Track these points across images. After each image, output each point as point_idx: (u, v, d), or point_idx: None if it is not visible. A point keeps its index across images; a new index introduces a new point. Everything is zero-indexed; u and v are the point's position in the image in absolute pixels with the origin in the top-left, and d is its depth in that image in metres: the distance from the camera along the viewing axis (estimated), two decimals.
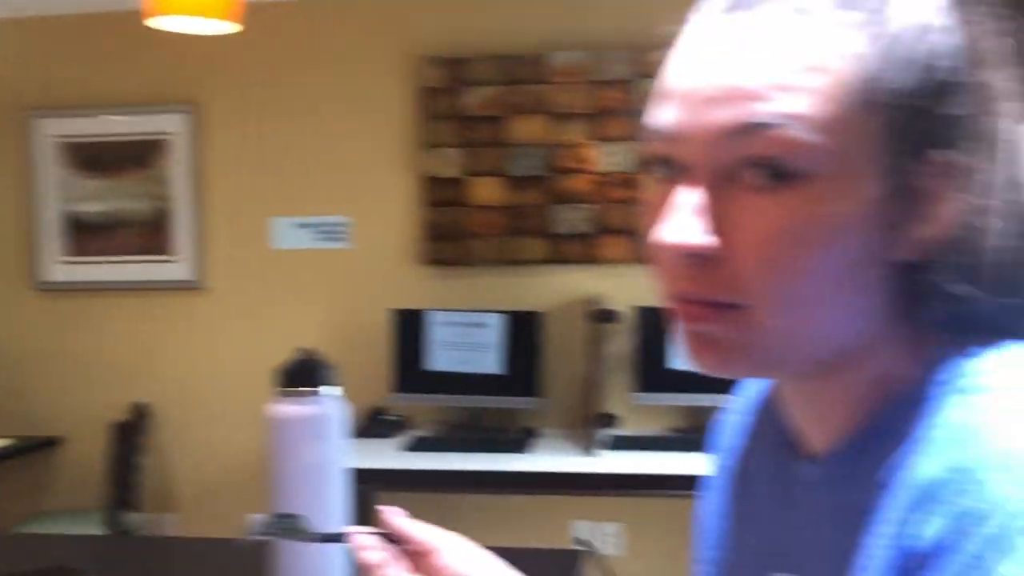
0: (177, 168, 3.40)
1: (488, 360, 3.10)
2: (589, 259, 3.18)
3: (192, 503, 3.46)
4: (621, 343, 3.10)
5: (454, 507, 3.26)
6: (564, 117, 3.17)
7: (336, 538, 0.75)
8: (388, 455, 2.91)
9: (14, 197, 3.51)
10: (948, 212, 0.49)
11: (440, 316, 3.13)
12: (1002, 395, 0.46)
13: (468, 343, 3.11)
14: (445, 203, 3.24)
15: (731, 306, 0.50)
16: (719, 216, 0.49)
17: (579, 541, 3.26)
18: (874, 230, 0.49)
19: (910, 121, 0.48)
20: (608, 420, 3.18)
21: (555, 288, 3.18)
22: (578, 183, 3.17)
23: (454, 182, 3.23)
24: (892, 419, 0.51)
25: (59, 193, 3.47)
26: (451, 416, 3.23)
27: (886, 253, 0.50)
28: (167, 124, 3.40)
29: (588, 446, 2.86)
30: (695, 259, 0.50)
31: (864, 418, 0.53)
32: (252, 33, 3.34)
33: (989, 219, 0.49)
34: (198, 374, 3.43)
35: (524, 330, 3.09)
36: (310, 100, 3.33)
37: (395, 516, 0.73)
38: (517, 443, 2.99)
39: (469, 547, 0.73)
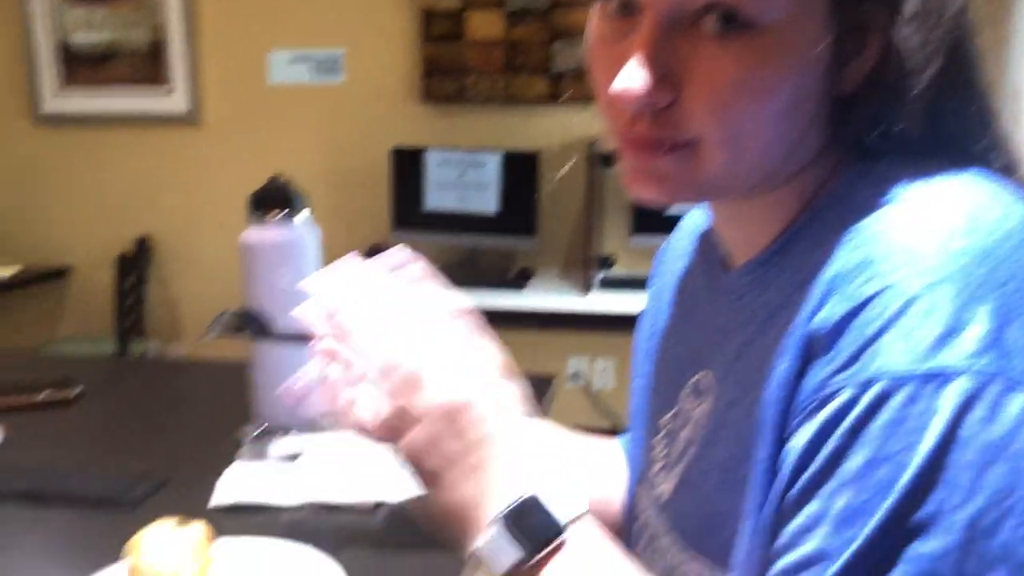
0: None
1: (486, 199, 3.11)
2: (590, 98, 3.12)
3: (196, 330, 3.55)
4: (619, 185, 3.09)
5: None
6: None
7: (304, 338, 0.76)
8: None
9: (4, 28, 3.44)
10: (879, 43, 0.51)
11: (438, 155, 3.12)
12: (911, 205, 0.49)
13: (466, 182, 3.11)
14: (443, 38, 3.16)
15: (679, 143, 0.52)
16: (672, 60, 0.50)
17: (574, 376, 3.37)
18: (819, 70, 0.51)
19: None
20: (604, 261, 3.23)
21: (554, 128, 3.14)
22: (580, 17, 3.08)
23: (452, 16, 3.14)
24: (809, 228, 0.54)
25: (50, 23, 3.39)
26: (449, 255, 3.28)
27: (828, 89, 0.52)
28: None
29: (584, 285, 2.91)
30: (647, 106, 0.51)
31: (785, 229, 0.57)
32: None
33: (915, 49, 0.50)
34: (195, 207, 3.45)
35: (522, 170, 3.09)
36: None
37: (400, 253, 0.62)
38: (514, 281, 3.05)
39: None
